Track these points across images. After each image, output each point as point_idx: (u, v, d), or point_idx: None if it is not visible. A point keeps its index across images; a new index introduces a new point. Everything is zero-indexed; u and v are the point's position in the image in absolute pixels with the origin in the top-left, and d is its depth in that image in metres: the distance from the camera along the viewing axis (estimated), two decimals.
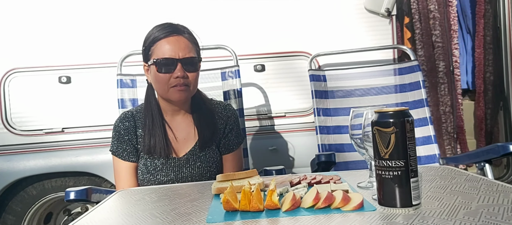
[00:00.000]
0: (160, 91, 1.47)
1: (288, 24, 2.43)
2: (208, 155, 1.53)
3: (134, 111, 1.56)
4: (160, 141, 1.47)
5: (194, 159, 1.51)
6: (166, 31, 1.45)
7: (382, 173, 0.83)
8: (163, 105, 1.52)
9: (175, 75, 1.42)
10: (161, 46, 1.43)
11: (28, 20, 2.38)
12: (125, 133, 1.51)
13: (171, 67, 1.42)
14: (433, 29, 2.56)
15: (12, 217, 2.40)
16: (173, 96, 1.45)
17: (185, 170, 1.50)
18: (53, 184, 2.41)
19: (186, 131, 1.54)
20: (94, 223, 0.95)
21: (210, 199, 1.04)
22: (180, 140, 1.53)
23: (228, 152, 1.58)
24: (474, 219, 0.74)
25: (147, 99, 1.53)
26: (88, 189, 1.52)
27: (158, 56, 1.42)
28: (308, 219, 0.81)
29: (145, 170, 1.49)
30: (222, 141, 1.57)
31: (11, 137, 2.37)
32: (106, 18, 2.40)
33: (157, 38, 1.45)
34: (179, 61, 1.42)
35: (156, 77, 1.44)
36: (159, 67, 1.42)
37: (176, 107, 1.52)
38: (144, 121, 1.51)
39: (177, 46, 1.43)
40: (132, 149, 1.50)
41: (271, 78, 2.44)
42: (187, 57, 1.44)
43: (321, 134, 2.02)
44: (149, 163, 1.49)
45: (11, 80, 2.38)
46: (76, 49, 2.39)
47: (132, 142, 1.51)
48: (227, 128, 1.58)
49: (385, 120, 0.83)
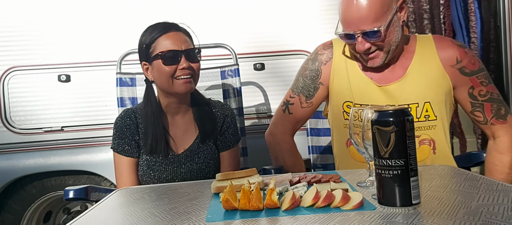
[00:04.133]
0: (164, 85, 1.49)
1: (288, 22, 2.43)
2: (207, 152, 1.56)
3: (135, 109, 1.58)
4: (161, 140, 1.50)
5: (193, 155, 1.54)
6: (164, 28, 1.49)
7: (381, 172, 0.83)
8: (165, 103, 1.54)
9: (181, 66, 1.45)
10: (162, 41, 1.47)
11: (27, 18, 2.38)
12: (127, 129, 1.53)
13: (176, 59, 1.45)
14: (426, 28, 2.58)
15: (11, 215, 2.40)
16: (179, 88, 1.47)
17: (184, 166, 1.53)
18: (52, 183, 2.41)
19: (185, 128, 1.57)
20: (94, 221, 0.95)
21: (210, 198, 1.04)
22: (180, 136, 1.56)
23: (225, 149, 1.61)
24: (474, 218, 0.74)
25: (147, 99, 1.55)
26: (88, 187, 1.52)
27: (162, 50, 1.46)
28: (307, 218, 0.81)
29: (146, 166, 1.51)
30: (219, 138, 1.61)
31: (11, 136, 2.37)
32: (106, 17, 2.39)
33: (156, 35, 1.48)
34: (183, 53, 1.46)
35: (161, 70, 1.46)
36: (164, 60, 1.45)
37: (177, 102, 1.54)
38: (144, 120, 1.53)
39: (178, 40, 1.47)
40: (134, 145, 1.52)
41: (270, 77, 2.43)
42: (190, 48, 1.49)
43: (311, 136, 2.01)
44: (150, 159, 1.51)
45: (10, 78, 2.37)
46: (76, 47, 2.39)
47: (134, 138, 1.53)
48: (224, 125, 1.61)
49: (385, 119, 0.83)
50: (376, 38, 1.38)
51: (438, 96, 1.46)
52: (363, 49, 1.40)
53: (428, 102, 1.45)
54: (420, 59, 1.49)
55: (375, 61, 1.45)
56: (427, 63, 1.48)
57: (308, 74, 1.60)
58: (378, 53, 1.43)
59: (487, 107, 1.46)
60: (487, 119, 1.47)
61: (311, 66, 1.60)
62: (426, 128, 1.46)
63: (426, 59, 1.48)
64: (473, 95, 1.46)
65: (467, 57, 1.46)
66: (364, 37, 1.39)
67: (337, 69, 1.55)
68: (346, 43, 1.50)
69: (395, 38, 1.42)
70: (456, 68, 1.46)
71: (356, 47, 1.41)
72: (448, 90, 1.47)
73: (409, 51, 1.51)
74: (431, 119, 1.45)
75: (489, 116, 1.46)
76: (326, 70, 1.57)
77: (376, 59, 1.44)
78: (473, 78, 1.46)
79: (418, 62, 1.48)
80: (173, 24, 1.52)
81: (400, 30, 1.43)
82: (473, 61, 1.47)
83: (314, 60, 1.60)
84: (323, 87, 1.58)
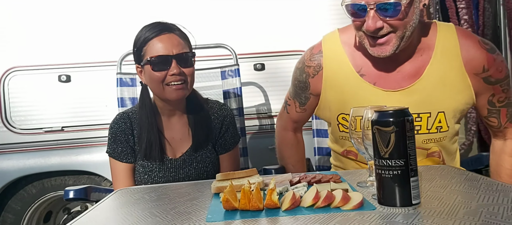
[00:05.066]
0: (156, 90, 1.44)
1: (288, 22, 2.42)
2: (204, 156, 1.52)
3: (130, 112, 1.53)
4: (155, 145, 1.45)
5: (191, 159, 1.51)
6: (157, 30, 1.42)
7: (382, 172, 0.83)
8: (159, 106, 1.50)
9: (171, 72, 1.39)
10: (153, 45, 1.40)
11: (28, 18, 2.38)
12: (121, 134, 1.49)
13: (166, 65, 1.39)
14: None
15: (11, 215, 2.40)
16: (170, 95, 1.42)
17: (182, 171, 1.50)
18: (52, 183, 2.41)
19: (181, 132, 1.52)
20: (94, 221, 0.95)
21: (210, 198, 1.04)
22: (176, 141, 1.52)
23: (224, 152, 1.57)
24: (474, 218, 0.74)
25: (142, 102, 1.50)
26: (88, 188, 1.53)
27: (152, 55, 1.39)
28: (307, 218, 0.81)
29: (142, 171, 1.48)
30: (218, 141, 1.56)
31: (11, 136, 2.37)
32: (106, 17, 2.39)
33: (148, 38, 1.42)
34: (173, 57, 1.39)
35: (151, 76, 1.41)
36: (153, 66, 1.39)
37: (172, 107, 1.49)
38: (139, 124, 1.48)
39: (170, 43, 1.40)
40: (129, 150, 1.49)
41: (271, 77, 2.43)
42: (181, 53, 1.41)
43: (318, 138, 2.00)
44: (146, 165, 1.48)
45: (10, 78, 2.38)
46: (76, 47, 2.39)
47: (129, 143, 1.49)
48: (223, 128, 1.56)
49: (385, 119, 0.83)
50: (394, 13, 1.13)
51: (456, 106, 1.27)
52: (375, 27, 1.15)
53: (443, 112, 1.25)
54: (440, 58, 1.25)
55: (385, 49, 1.19)
56: (447, 64, 1.24)
57: (297, 84, 1.48)
58: (391, 36, 1.17)
59: (503, 112, 1.33)
60: (502, 124, 1.35)
61: (299, 77, 1.47)
62: (437, 140, 1.30)
63: (446, 59, 1.25)
64: (492, 102, 1.31)
65: (495, 64, 1.25)
66: (378, 11, 1.13)
67: (329, 79, 1.37)
68: (353, 20, 1.23)
69: (413, 23, 1.17)
70: (481, 77, 1.25)
71: (366, 24, 1.16)
72: (470, 100, 1.28)
73: (427, 46, 1.26)
74: (443, 130, 1.28)
75: (503, 121, 1.34)
76: (315, 82, 1.41)
77: (387, 46, 1.19)
78: (497, 86, 1.28)
79: (438, 62, 1.25)
80: (166, 26, 1.44)
81: (419, 14, 1.19)
82: (500, 68, 1.27)
83: (301, 71, 1.45)
84: (314, 97, 1.44)
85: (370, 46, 1.23)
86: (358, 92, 1.30)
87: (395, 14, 1.14)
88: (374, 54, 1.22)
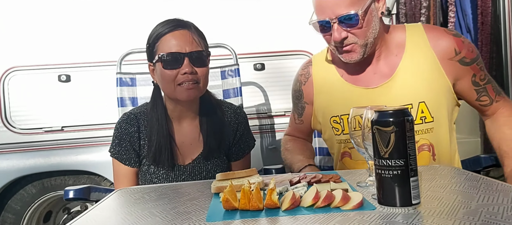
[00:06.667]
0: (167, 90, 1.37)
1: (288, 22, 2.42)
2: (215, 164, 1.45)
3: (138, 113, 1.46)
4: (165, 149, 1.38)
5: (200, 168, 1.44)
6: (171, 26, 1.35)
7: (381, 172, 0.83)
8: (170, 108, 1.43)
9: (183, 71, 1.31)
10: (166, 41, 1.33)
11: (27, 18, 2.38)
12: (128, 137, 1.42)
13: (178, 63, 1.31)
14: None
15: (11, 215, 2.40)
16: (181, 95, 1.34)
17: (190, 179, 1.43)
18: (52, 183, 2.41)
19: (192, 136, 1.45)
20: (94, 221, 0.95)
21: (210, 198, 1.04)
22: (186, 145, 1.44)
23: (238, 159, 1.51)
24: (473, 218, 0.74)
25: (153, 102, 1.43)
26: (87, 187, 1.53)
27: (164, 52, 1.32)
28: (307, 218, 0.81)
29: (149, 175, 1.42)
30: (232, 148, 1.50)
31: (11, 136, 2.37)
32: (106, 17, 2.39)
33: (161, 33, 1.35)
34: (186, 55, 1.32)
35: (162, 74, 1.33)
36: (165, 64, 1.32)
37: (184, 108, 1.42)
38: (149, 126, 1.42)
39: (184, 40, 1.33)
40: (134, 154, 1.43)
41: (271, 77, 2.44)
42: (195, 51, 1.33)
43: (318, 138, 2.01)
44: (152, 170, 1.42)
45: (10, 78, 2.38)
46: (76, 47, 2.39)
47: (134, 147, 1.42)
48: (237, 134, 1.49)
49: (384, 119, 0.83)
50: (353, 23, 1.29)
51: (434, 94, 1.36)
52: (340, 37, 1.31)
53: (423, 102, 1.35)
54: (411, 53, 1.39)
55: (352, 55, 1.35)
56: (419, 58, 1.37)
57: (294, 94, 1.61)
58: (354, 46, 1.33)
59: (489, 88, 1.41)
60: (493, 99, 1.42)
61: (294, 87, 1.60)
62: (424, 131, 1.36)
63: (418, 53, 1.38)
64: (476, 82, 1.39)
65: (464, 46, 1.37)
66: (340, 24, 1.30)
67: (318, 85, 1.50)
68: (323, 36, 1.40)
69: (373, 30, 1.33)
70: (456, 60, 1.36)
71: (332, 36, 1.32)
72: (447, 87, 1.37)
73: (397, 45, 1.41)
74: (428, 121, 1.36)
75: (493, 95, 1.41)
76: (307, 89, 1.53)
77: (353, 53, 1.35)
78: (474, 65, 1.38)
79: (410, 57, 1.38)
80: (181, 22, 1.37)
81: (378, 22, 1.34)
82: (471, 48, 1.38)
83: (296, 81, 1.59)
84: (309, 106, 1.54)
85: (340, 54, 1.38)
86: (344, 93, 1.43)
87: (355, 23, 1.30)
88: (346, 60, 1.38)
